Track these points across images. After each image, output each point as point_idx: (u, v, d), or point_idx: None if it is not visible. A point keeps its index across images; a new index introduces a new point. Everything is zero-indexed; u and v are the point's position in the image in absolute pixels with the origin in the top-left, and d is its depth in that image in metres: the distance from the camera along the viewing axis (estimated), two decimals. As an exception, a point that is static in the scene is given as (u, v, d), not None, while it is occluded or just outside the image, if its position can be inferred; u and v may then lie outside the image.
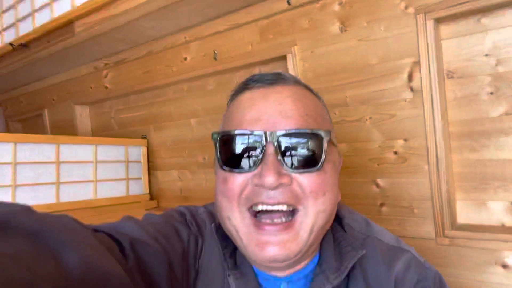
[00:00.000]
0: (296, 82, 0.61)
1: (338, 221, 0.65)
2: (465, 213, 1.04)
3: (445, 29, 1.03)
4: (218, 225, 0.62)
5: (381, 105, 1.12)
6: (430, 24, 1.00)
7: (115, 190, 1.70)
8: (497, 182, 0.99)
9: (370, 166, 1.16)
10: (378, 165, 1.14)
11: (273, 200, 0.52)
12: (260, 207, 0.53)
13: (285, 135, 0.53)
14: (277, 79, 0.60)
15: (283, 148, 0.53)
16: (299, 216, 0.54)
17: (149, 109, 1.86)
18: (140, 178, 1.83)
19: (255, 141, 0.53)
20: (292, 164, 0.53)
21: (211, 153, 1.65)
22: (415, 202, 1.08)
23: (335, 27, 1.19)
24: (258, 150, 0.53)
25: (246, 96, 0.59)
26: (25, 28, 1.74)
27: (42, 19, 1.66)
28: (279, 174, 0.52)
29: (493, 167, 1.00)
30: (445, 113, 1.04)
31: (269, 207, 0.53)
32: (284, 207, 0.53)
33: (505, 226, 0.98)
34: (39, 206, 1.41)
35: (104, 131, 2.11)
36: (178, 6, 1.34)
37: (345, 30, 1.17)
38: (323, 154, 0.54)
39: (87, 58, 1.89)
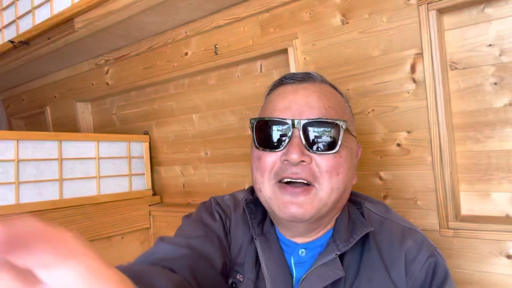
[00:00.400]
0: (322, 81, 0.73)
1: (358, 205, 0.76)
2: (469, 205, 1.04)
3: (448, 20, 1.02)
4: (248, 200, 0.76)
5: (384, 97, 1.11)
6: (432, 14, 0.99)
7: (118, 186, 1.70)
8: (502, 173, 0.99)
9: (373, 159, 1.15)
10: (381, 157, 1.14)
11: (295, 175, 0.64)
12: (285, 180, 0.65)
13: (308, 122, 0.64)
14: (307, 77, 0.72)
15: (306, 133, 0.64)
16: (315, 189, 0.65)
17: (150, 105, 1.86)
18: (143, 174, 1.83)
19: (285, 126, 0.65)
20: (312, 147, 0.65)
21: (213, 148, 1.65)
22: (419, 194, 1.08)
23: (337, 19, 1.18)
24: (287, 134, 0.65)
25: (280, 90, 0.72)
26: (25, 25, 1.73)
27: (42, 15, 1.66)
28: (302, 153, 0.63)
29: (498, 158, 0.99)
30: (448, 104, 1.03)
31: (292, 180, 0.64)
32: (304, 181, 0.64)
33: (510, 217, 0.98)
34: (43, 203, 1.42)
35: (106, 128, 2.11)
36: (178, 0, 1.33)
37: (347, 23, 1.16)
38: (339, 140, 0.65)
39: (88, 54, 1.89)
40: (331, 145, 0.65)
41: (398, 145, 1.10)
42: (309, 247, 0.70)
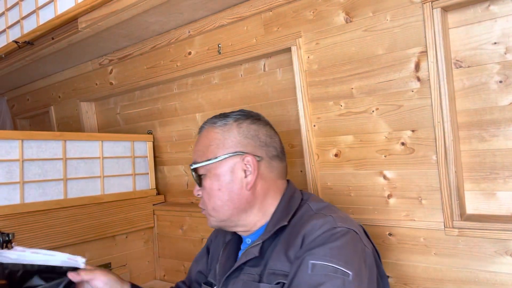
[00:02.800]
0: (205, 126, 0.97)
1: (303, 202, 0.93)
2: (474, 203, 1.03)
3: (452, 18, 1.02)
4: None
5: (388, 96, 1.11)
6: (437, 12, 0.99)
7: (122, 186, 1.71)
8: (507, 172, 0.98)
9: (377, 158, 1.15)
10: (385, 156, 1.13)
11: (200, 204, 0.96)
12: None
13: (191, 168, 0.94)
14: (200, 130, 0.98)
15: (192, 175, 0.95)
16: (206, 210, 0.94)
17: (154, 104, 1.86)
18: (147, 173, 1.83)
19: None
20: (197, 184, 0.94)
21: (217, 147, 1.65)
22: (423, 193, 1.07)
23: (340, 18, 1.17)
24: None
25: None
26: (30, 26, 1.74)
27: (46, 16, 1.66)
28: (197, 189, 0.95)
29: (503, 156, 0.98)
30: (453, 102, 1.02)
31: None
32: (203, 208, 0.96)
33: (515, 216, 0.97)
34: (47, 203, 1.42)
35: (110, 127, 2.12)
36: (181, 0, 1.33)
37: (350, 21, 1.16)
38: (198, 177, 0.93)
39: (92, 54, 1.90)
40: (199, 182, 0.93)
41: (403, 144, 1.10)
42: (251, 237, 0.94)
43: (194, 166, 0.93)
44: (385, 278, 0.88)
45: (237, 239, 0.98)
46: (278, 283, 0.78)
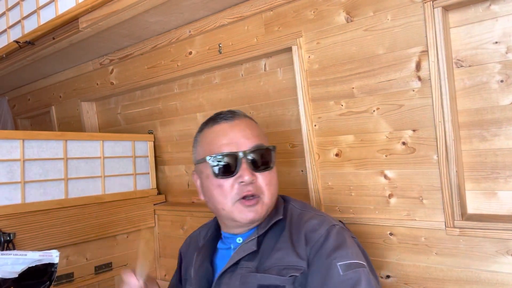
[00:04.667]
0: (245, 116, 0.97)
1: (286, 203, 0.98)
2: (475, 203, 1.03)
3: (453, 17, 1.02)
4: (197, 231, 1.11)
5: (389, 95, 1.11)
6: (438, 12, 0.98)
7: (123, 185, 1.71)
8: (508, 171, 0.98)
9: (377, 157, 1.15)
10: (386, 156, 1.13)
11: (250, 192, 0.88)
12: (244, 195, 0.89)
13: (250, 150, 0.89)
14: (234, 115, 0.95)
15: (250, 159, 0.89)
16: (261, 199, 0.90)
17: (155, 104, 1.86)
18: (148, 173, 1.83)
19: (234, 157, 0.88)
20: (256, 168, 0.89)
21: (218, 147, 1.65)
22: (424, 192, 1.07)
23: (341, 17, 1.17)
24: (237, 162, 0.88)
25: (217, 128, 0.93)
26: (31, 25, 1.74)
27: (47, 15, 1.66)
28: (251, 174, 0.88)
29: (504, 156, 0.98)
30: (454, 102, 1.02)
31: (248, 195, 0.89)
32: (254, 196, 0.90)
33: (516, 216, 0.97)
34: (48, 202, 1.42)
35: (110, 127, 2.12)
36: (181, 0, 1.34)
37: (351, 21, 1.16)
38: (272, 160, 0.92)
39: (93, 54, 1.90)
40: (267, 165, 0.91)
41: (404, 143, 1.10)
42: (244, 236, 0.94)
43: (267, 147, 0.91)
44: None
45: (210, 243, 1.01)
46: (291, 276, 0.83)
